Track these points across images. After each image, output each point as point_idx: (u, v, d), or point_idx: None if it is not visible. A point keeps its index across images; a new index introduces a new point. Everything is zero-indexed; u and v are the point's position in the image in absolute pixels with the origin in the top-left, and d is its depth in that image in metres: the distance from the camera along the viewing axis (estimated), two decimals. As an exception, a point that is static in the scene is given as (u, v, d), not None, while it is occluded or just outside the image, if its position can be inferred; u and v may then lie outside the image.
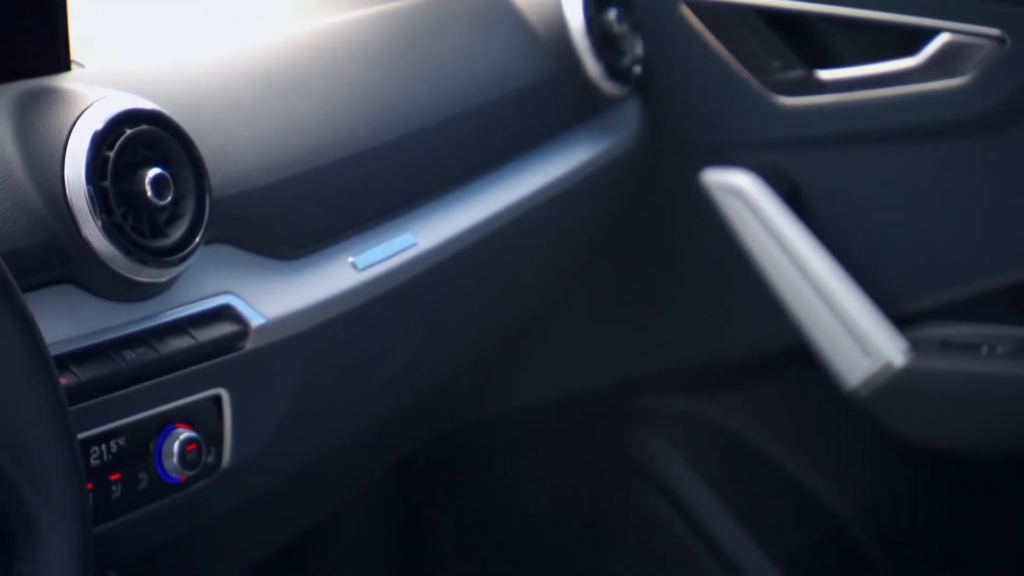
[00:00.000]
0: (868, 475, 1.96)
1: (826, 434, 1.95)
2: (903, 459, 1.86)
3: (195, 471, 1.25)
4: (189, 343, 1.22)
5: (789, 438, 1.97)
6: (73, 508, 0.96)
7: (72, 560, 0.94)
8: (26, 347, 0.96)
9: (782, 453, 1.97)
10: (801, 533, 1.99)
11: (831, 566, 1.98)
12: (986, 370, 1.74)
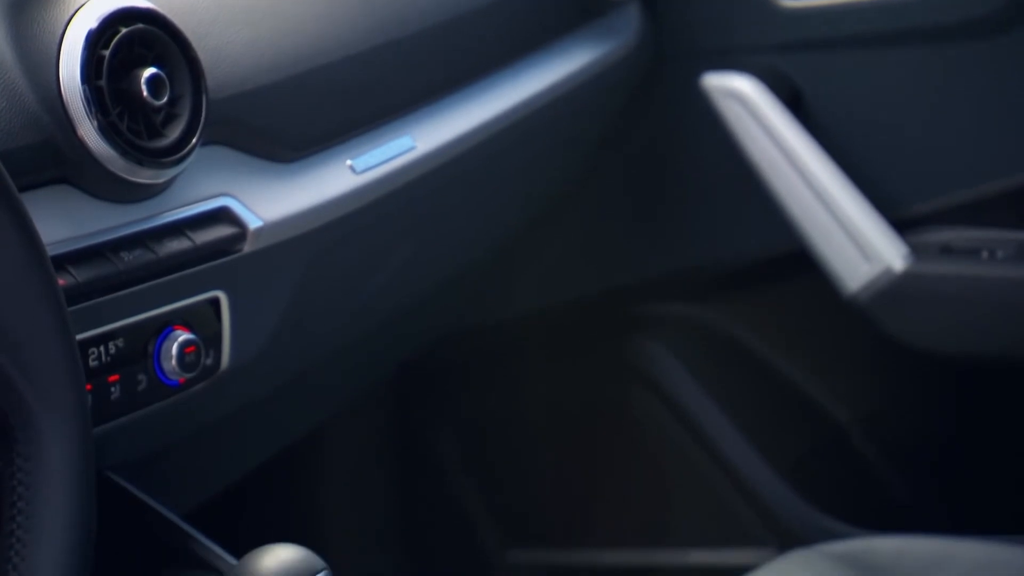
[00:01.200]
0: (867, 380, 1.97)
1: (826, 340, 1.95)
2: (902, 364, 1.86)
3: (194, 373, 1.25)
4: (187, 245, 1.22)
5: (789, 344, 1.97)
6: (72, 407, 0.96)
7: (71, 458, 0.94)
8: (23, 246, 0.96)
9: (781, 359, 1.97)
10: (800, 439, 2.00)
11: (830, 471, 1.99)
12: (986, 274, 1.74)
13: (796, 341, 1.96)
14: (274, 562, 1.08)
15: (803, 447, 1.99)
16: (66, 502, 0.94)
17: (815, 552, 1.60)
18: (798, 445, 1.99)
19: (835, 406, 1.97)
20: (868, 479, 1.97)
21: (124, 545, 1.27)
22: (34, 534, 0.92)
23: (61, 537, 0.93)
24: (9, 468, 0.94)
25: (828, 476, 1.98)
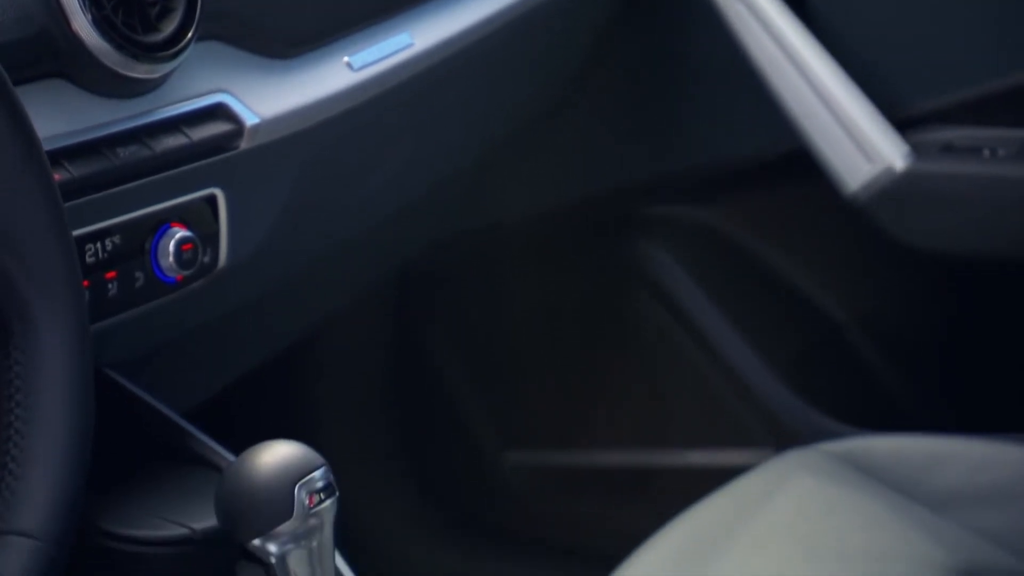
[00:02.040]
0: (866, 280, 1.96)
1: (825, 240, 1.95)
2: (902, 264, 1.86)
3: (191, 271, 1.25)
4: (183, 141, 1.22)
5: (787, 244, 1.96)
6: (68, 301, 0.96)
7: (68, 352, 0.94)
8: (18, 138, 0.95)
9: (780, 259, 1.96)
10: (799, 339, 2.00)
11: (828, 372, 1.99)
12: (987, 173, 1.74)
13: (795, 241, 1.96)
14: (272, 458, 1.08)
15: (801, 347, 1.99)
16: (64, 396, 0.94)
17: (813, 451, 1.60)
18: (796, 345, 1.99)
19: (834, 306, 1.96)
20: (866, 379, 1.97)
21: (122, 442, 1.27)
22: (32, 427, 0.92)
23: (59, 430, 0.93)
24: (6, 361, 0.93)
25: (826, 376, 1.98)
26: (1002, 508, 1.52)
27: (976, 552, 1.47)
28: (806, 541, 1.48)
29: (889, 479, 1.55)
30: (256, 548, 1.07)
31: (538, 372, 2.11)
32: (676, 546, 1.49)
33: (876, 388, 1.97)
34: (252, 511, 1.07)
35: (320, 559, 1.09)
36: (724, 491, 1.57)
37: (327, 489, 1.08)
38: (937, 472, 1.55)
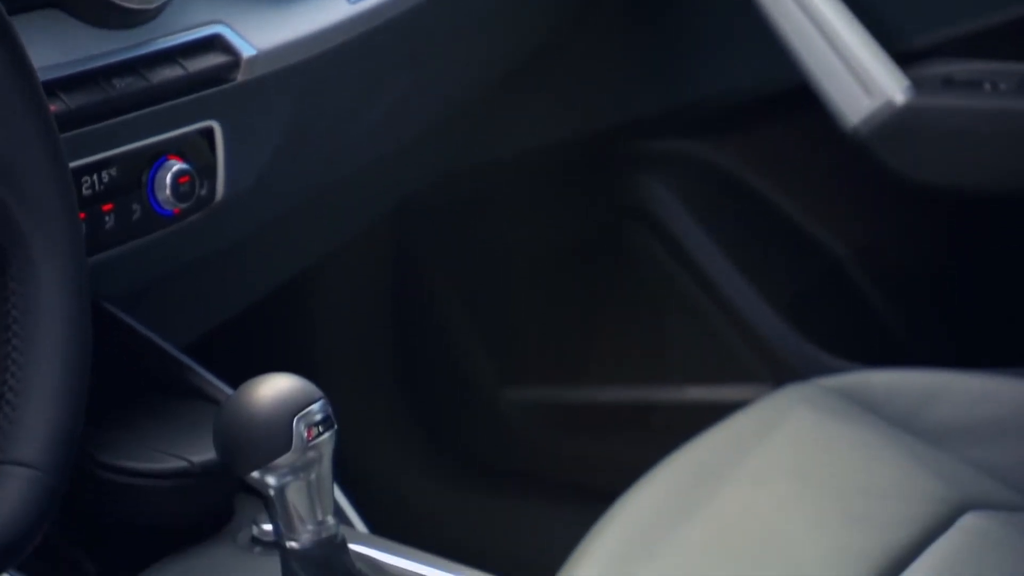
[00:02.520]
0: (866, 215, 1.96)
1: (825, 174, 1.94)
2: (902, 198, 1.86)
3: (188, 203, 1.24)
4: (179, 73, 1.21)
5: (787, 179, 1.96)
6: (65, 232, 0.95)
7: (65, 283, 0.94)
8: (14, 68, 0.95)
9: (780, 194, 1.96)
10: (797, 274, 1.99)
11: (827, 307, 1.99)
12: (988, 106, 1.73)
13: (795, 176, 1.95)
14: (271, 390, 1.07)
15: (800, 283, 1.99)
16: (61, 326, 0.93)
17: (811, 386, 1.60)
18: (795, 281, 1.99)
19: (833, 241, 1.96)
20: (865, 314, 1.97)
21: (120, 375, 1.27)
22: (30, 357, 0.92)
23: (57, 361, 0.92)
24: (3, 292, 0.93)
25: (825, 312, 1.98)
26: (1000, 442, 1.53)
27: (973, 485, 1.48)
28: (803, 475, 1.48)
29: (887, 413, 1.56)
30: (254, 481, 1.07)
31: (537, 308, 2.11)
32: (673, 481, 1.50)
33: (875, 323, 1.97)
34: (250, 444, 1.06)
35: (319, 492, 1.09)
36: (722, 426, 1.57)
37: (325, 422, 1.08)
38: (935, 406, 1.56)
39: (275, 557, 1.11)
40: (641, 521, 1.45)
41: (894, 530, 1.40)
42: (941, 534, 1.40)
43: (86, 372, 0.95)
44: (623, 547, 1.41)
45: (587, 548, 1.42)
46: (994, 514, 1.43)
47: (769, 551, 1.39)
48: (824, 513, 1.43)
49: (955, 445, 1.52)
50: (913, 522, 1.41)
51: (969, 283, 1.93)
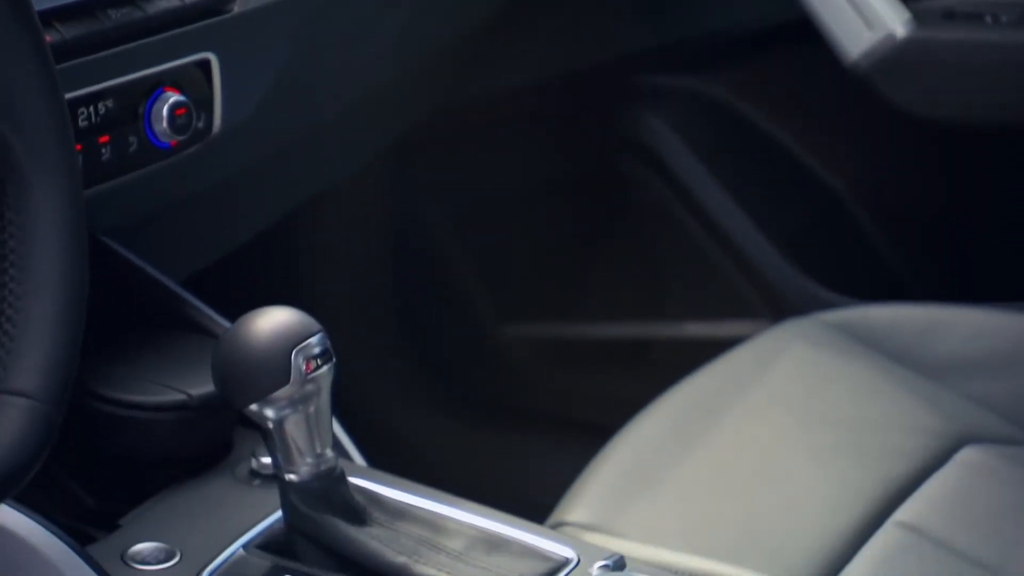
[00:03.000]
0: (867, 150, 1.95)
1: (825, 109, 1.93)
2: (902, 132, 1.85)
3: (185, 136, 1.24)
4: (175, 3, 1.21)
5: (788, 114, 1.95)
6: (61, 162, 0.95)
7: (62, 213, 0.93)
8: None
9: (780, 129, 1.95)
10: (797, 210, 1.99)
11: (827, 242, 1.98)
12: (989, 39, 1.72)
13: (795, 111, 1.95)
14: (269, 323, 1.07)
15: (799, 218, 1.99)
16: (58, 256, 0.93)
17: (811, 321, 1.60)
18: (795, 216, 1.99)
19: (833, 176, 1.96)
20: (864, 249, 1.97)
21: (118, 309, 1.26)
22: (27, 287, 0.91)
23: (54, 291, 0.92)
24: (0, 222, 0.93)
25: (824, 247, 1.98)
26: (998, 376, 1.53)
27: (971, 419, 1.48)
28: (802, 409, 1.49)
29: (886, 348, 1.56)
30: (253, 413, 1.07)
31: (535, 244, 2.11)
32: (672, 415, 1.50)
33: (874, 258, 1.97)
34: (249, 377, 1.06)
35: (317, 425, 1.08)
36: (720, 361, 1.57)
37: (324, 355, 1.08)
38: (934, 340, 1.56)
39: (274, 490, 1.11)
40: (639, 455, 1.45)
41: (892, 463, 1.40)
42: (939, 467, 1.40)
43: (83, 303, 0.94)
44: (620, 481, 1.41)
45: (585, 482, 1.42)
46: (992, 447, 1.43)
47: (767, 485, 1.39)
48: (822, 447, 1.43)
49: (954, 379, 1.52)
50: (911, 455, 1.41)
51: (969, 217, 1.93)
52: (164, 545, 1.10)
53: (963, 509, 1.36)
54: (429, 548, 1.10)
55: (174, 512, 1.15)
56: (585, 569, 1.09)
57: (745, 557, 1.28)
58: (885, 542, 1.31)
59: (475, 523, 1.13)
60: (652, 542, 1.31)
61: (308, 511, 1.08)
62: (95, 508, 1.21)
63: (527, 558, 1.10)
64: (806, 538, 1.32)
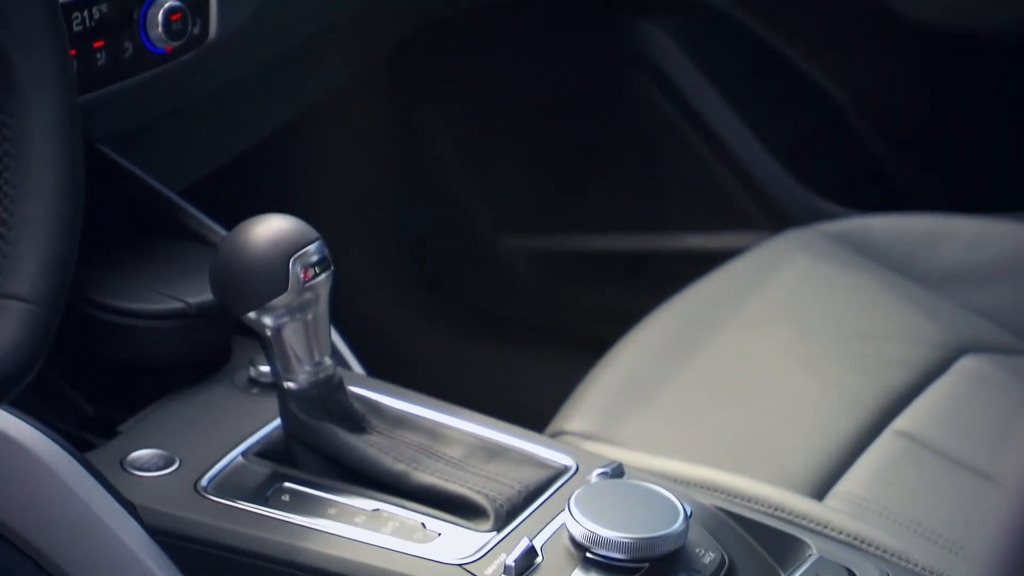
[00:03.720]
0: (868, 60, 1.94)
1: (826, 18, 1.92)
2: (903, 41, 1.84)
3: (181, 42, 1.23)
4: (170, -92, 1.19)
5: (788, 24, 1.93)
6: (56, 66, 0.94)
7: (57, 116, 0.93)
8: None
9: (780, 39, 1.94)
10: (798, 121, 1.98)
11: (827, 153, 1.98)
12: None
13: (795, 20, 1.93)
14: (267, 231, 1.07)
15: (800, 129, 1.98)
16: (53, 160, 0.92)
17: (811, 231, 1.60)
18: (796, 127, 1.98)
19: (834, 87, 1.94)
20: (865, 160, 1.96)
21: (116, 218, 1.26)
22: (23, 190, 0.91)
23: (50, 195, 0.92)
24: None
25: (825, 158, 1.97)
26: (998, 285, 1.52)
27: (971, 329, 1.48)
28: (801, 320, 1.48)
29: (886, 258, 1.55)
30: (251, 321, 1.07)
31: (535, 156, 2.10)
32: (670, 326, 1.50)
33: (875, 169, 1.96)
34: (246, 285, 1.06)
35: (316, 333, 1.08)
36: (720, 271, 1.57)
37: (322, 263, 1.08)
38: (934, 250, 1.55)
39: (272, 398, 1.11)
40: (638, 365, 1.45)
41: (892, 373, 1.40)
42: (939, 377, 1.40)
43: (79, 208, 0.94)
44: (619, 391, 1.41)
45: (583, 392, 1.43)
46: (991, 357, 1.43)
47: (766, 395, 1.40)
48: (822, 357, 1.43)
49: (954, 289, 1.52)
50: (911, 365, 1.41)
51: (970, 127, 1.92)
52: (163, 452, 1.10)
53: (961, 418, 1.36)
54: (428, 456, 1.10)
55: (173, 420, 1.15)
56: (584, 476, 1.09)
57: (743, 466, 1.28)
58: (883, 451, 1.32)
59: (474, 432, 1.14)
60: (651, 451, 1.31)
61: (307, 419, 1.09)
62: (94, 416, 1.21)
63: (526, 466, 1.11)
64: (804, 447, 1.32)
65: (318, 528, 1.05)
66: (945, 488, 1.29)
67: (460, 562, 1.02)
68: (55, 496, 1.03)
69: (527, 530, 1.04)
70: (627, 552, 1.01)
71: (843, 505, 1.25)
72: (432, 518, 1.06)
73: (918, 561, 1.17)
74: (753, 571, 1.04)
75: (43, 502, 1.03)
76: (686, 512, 1.03)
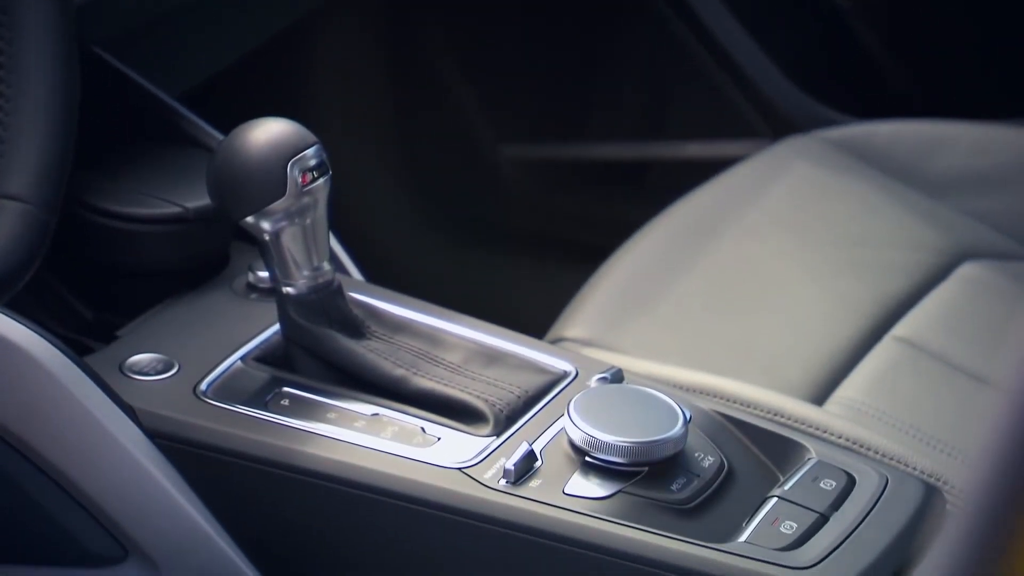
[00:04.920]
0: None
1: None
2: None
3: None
4: None
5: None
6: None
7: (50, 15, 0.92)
8: None
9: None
10: (799, 27, 1.97)
11: (828, 60, 1.96)
12: None
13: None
14: (265, 134, 1.06)
15: (802, 36, 1.96)
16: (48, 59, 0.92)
17: (812, 138, 1.59)
18: (796, 33, 1.96)
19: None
20: (866, 66, 1.94)
21: (113, 122, 1.25)
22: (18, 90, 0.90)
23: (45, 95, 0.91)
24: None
25: (826, 64, 1.96)
26: (999, 191, 1.52)
27: (972, 235, 1.47)
28: (802, 226, 1.48)
29: (886, 165, 1.55)
30: (249, 226, 1.07)
31: (534, 64, 2.09)
32: (669, 234, 1.49)
33: (876, 76, 1.95)
34: (244, 189, 1.05)
35: (314, 237, 1.08)
36: (720, 178, 1.56)
37: (320, 167, 1.07)
38: (935, 157, 1.55)
39: (271, 303, 1.11)
40: (637, 273, 1.45)
41: (892, 280, 1.40)
42: (939, 283, 1.40)
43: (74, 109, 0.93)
44: (619, 298, 1.41)
45: (583, 299, 1.42)
46: (991, 263, 1.43)
47: (766, 301, 1.39)
48: (822, 264, 1.43)
49: (955, 196, 1.52)
50: (911, 272, 1.41)
51: (971, 33, 1.90)
52: (162, 356, 1.10)
53: (961, 324, 1.36)
54: (427, 361, 1.10)
55: (172, 324, 1.15)
56: (583, 382, 1.09)
57: (743, 372, 1.28)
58: (883, 356, 1.32)
59: (474, 337, 1.13)
60: (650, 357, 1.31)
61: (306, 324, 1.08)
62: (93, 321, 1.21)
63: (525, 371, 1.11)
64: (804, 353, 1.32)
65: (317, 432, 1.05)
66: (944, 393, 1.29)
67: (459, 466, 1.02)
68: (54, 399, 1.03)
69: (526, 435, 1.04)
70: (626, 456, 1.01)
71: (842, 410, 1.25)
72: (431, 423, 1.06)
73: (917, 465, 1.17)
74: (752, 475, 1.04)
75: (42, 405, 1.03)
76: (685, 416, 1.03)
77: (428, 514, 1.01)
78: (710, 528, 1.00)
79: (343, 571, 0.98)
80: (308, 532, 1.05)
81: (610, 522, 0.99)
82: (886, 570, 0.99)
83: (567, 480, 1.01)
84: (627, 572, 0.98)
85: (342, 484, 1.03)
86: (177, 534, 1.05)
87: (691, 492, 1.01)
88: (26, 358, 1.02)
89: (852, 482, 1.03)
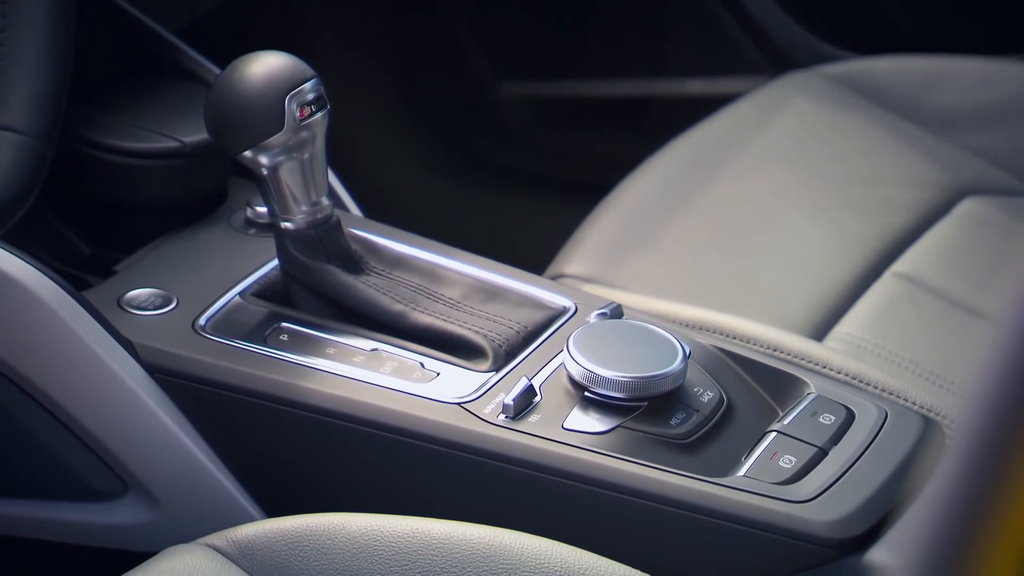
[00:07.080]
0: None
1: None
2: None
3: None
4: None
5: None
6: None
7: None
8: None
9: None
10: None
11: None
12: None
13: None
14: (262, 68, 1.05)
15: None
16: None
17: (812, 74, 1.58)
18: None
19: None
20: (866, 2, 1.93)
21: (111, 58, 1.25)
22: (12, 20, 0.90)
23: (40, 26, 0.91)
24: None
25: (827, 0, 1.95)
26: (1000, 127, 1.51)
27: (972, 171, 1.47)
28: (802, 163, 1.47)
29: (887, 101, 1.54)
30: (247, 160, 1.06)
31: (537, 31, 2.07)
32: (669, 170, 1.49)
33: (877, 11, 1.94)
34: (241, 122, 1.05)
35: (312, 172, 1.07)
36: (720, 115, 1.55)
37: (318, 101, 1.06)
38: (936, 92, 1.54)
39: (269, 239, 1.11)
40: (637, 209, 1.44)
41: (893, 215, 1.39)
42: (940, 219, 1.40)
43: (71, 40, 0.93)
44: (618, 235, 1.41)
45: (582, 236, 1.42)
46: (992, 199, 1.42)
47: (765, 237, 1.39)
48: (822, 200, 1.42)
49: (955, 132, 1.51)
50: (912, 208, 1.40)
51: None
52: (160, 291, 1.10)
53: (961, 259, 1.36)
54: (426, 296, 1.10)
55: (170, 260, 1.14)
56: (582, 317, 1.09)
57: (742, 308, 1.28)
58: (883, 292, 1.31)
59: (473, 273, 1.13)
60: (649, 293, 1.31)
61: (304, 259, 1.08)
62: (91, 256, 1.21)
63: (525, 307, 1.10)
64: (804, 289, 1.32)
65: (316, 367, 1.05)
66: (944, 328, 1.29)
67: (458, 401, 1.02)
68: (53, 333, 1.03)
69: (526, 370, 1.04)
70: (625, 391, 1.01)
71: (842, 346, 1.25)
72: (430, 358, 1.06)
73: (916, 399, 1.17)
74: (751, 409, 1.04)
75: (41, 339, 1.03)
76: (684, 351, 1.03)
77: (427, 448, 1.01)
78: (709, 462, 1.00)
79: (341, 505, 0.98)
80: (307, 466, 1.06)
81: (609, 456, 0.99)
82: (885, 503, 0.99)
83: (566, 415, 1.01)
84: (626, 506, 0.98)
85: (341, 419, 1.03)
86: (176, 468, 1.06)
87: (690, 427, 1.01)
88: (25, 292, 1.02)
89: (851, 416, 1.03)
